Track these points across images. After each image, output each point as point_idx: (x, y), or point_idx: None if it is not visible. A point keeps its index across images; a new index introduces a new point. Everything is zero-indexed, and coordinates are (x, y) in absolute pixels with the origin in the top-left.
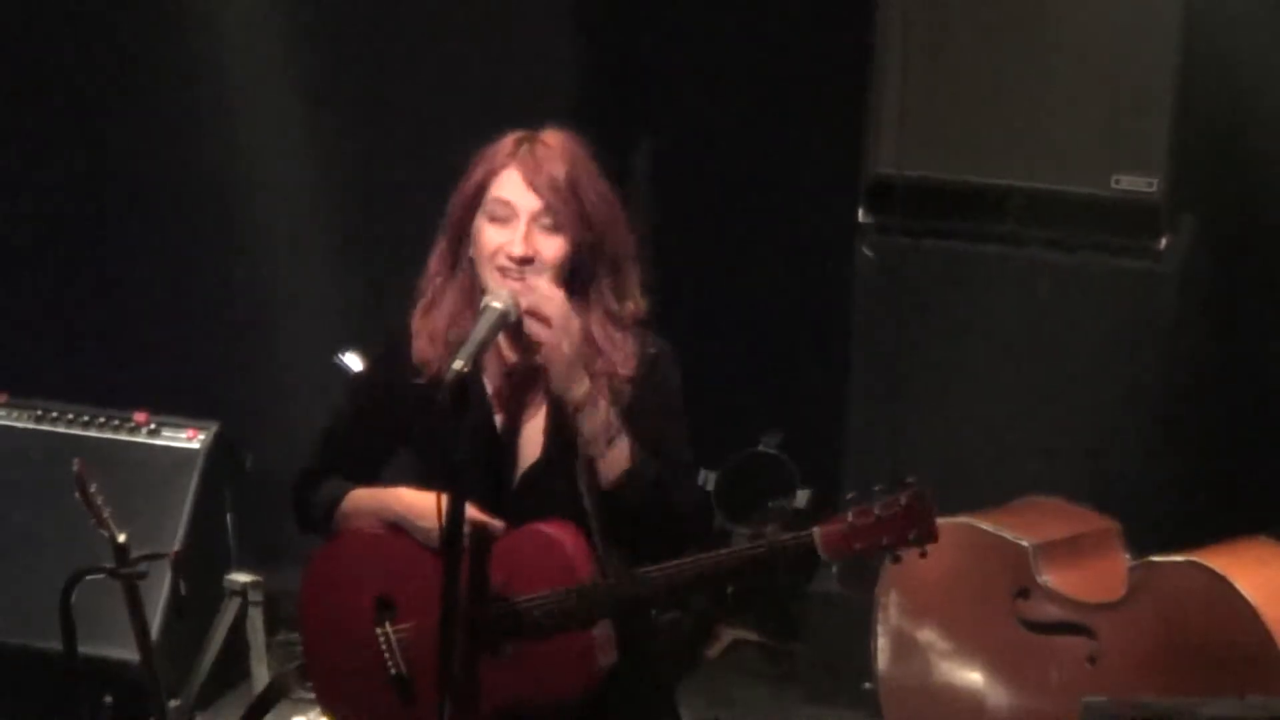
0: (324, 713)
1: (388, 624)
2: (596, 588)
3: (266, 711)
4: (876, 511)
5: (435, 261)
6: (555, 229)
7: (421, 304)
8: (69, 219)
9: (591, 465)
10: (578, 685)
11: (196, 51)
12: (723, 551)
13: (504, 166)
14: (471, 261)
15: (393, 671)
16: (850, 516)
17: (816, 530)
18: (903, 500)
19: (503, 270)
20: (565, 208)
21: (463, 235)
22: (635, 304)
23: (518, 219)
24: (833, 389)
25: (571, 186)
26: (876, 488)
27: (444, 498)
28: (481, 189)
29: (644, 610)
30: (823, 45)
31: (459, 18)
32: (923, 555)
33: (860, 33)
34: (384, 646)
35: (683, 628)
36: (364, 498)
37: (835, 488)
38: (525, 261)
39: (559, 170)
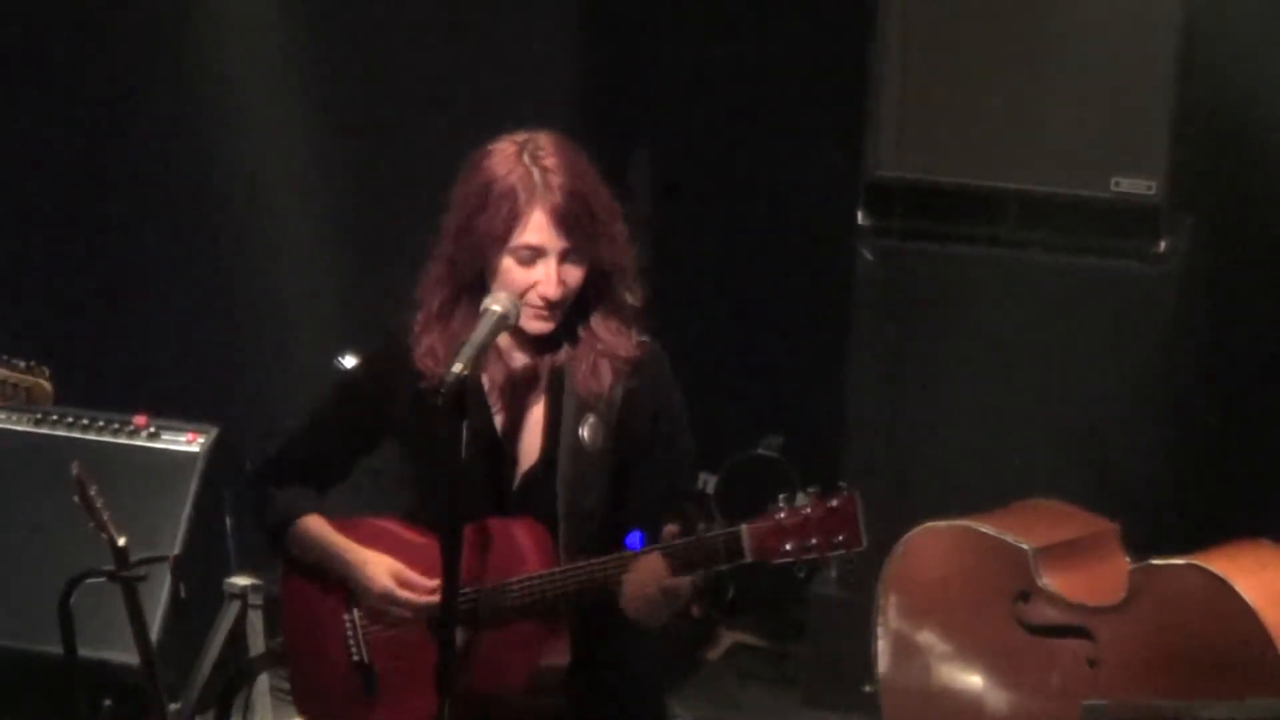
0: (294, 695)
1: (355, 611)
2: (528, 580)
3: (235, 693)
4: (806, 512)
5: (435, 278)
6: (579, 260)
7: (421, 317)
8: (68, 221)
9: (574, 464)
10: (516, 679)
11: (195, 52)
12: (653, 548)
13: (528, 208)
14: (480, 285)
15: (355, 658)
16: (780, 515)
17: (744, 527)
18: (832, 503)
19: (535, 309)
20: (588, 240)
21: (475, 263)
22: (634, 295)
23: (546, 258)
24: (832, 391)
25: (589, 213)
26: (811, 489)
27: (384, 565)
28: (508, 230)
29: (586, 603)
30: (822, 47)
31: (460, 19)
32: (849, 563)
33: (860, 34)
34: (349, 633)
35: (673, 630)
36: (315, 537)
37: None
38: (559, 303)
39: (577, 206)
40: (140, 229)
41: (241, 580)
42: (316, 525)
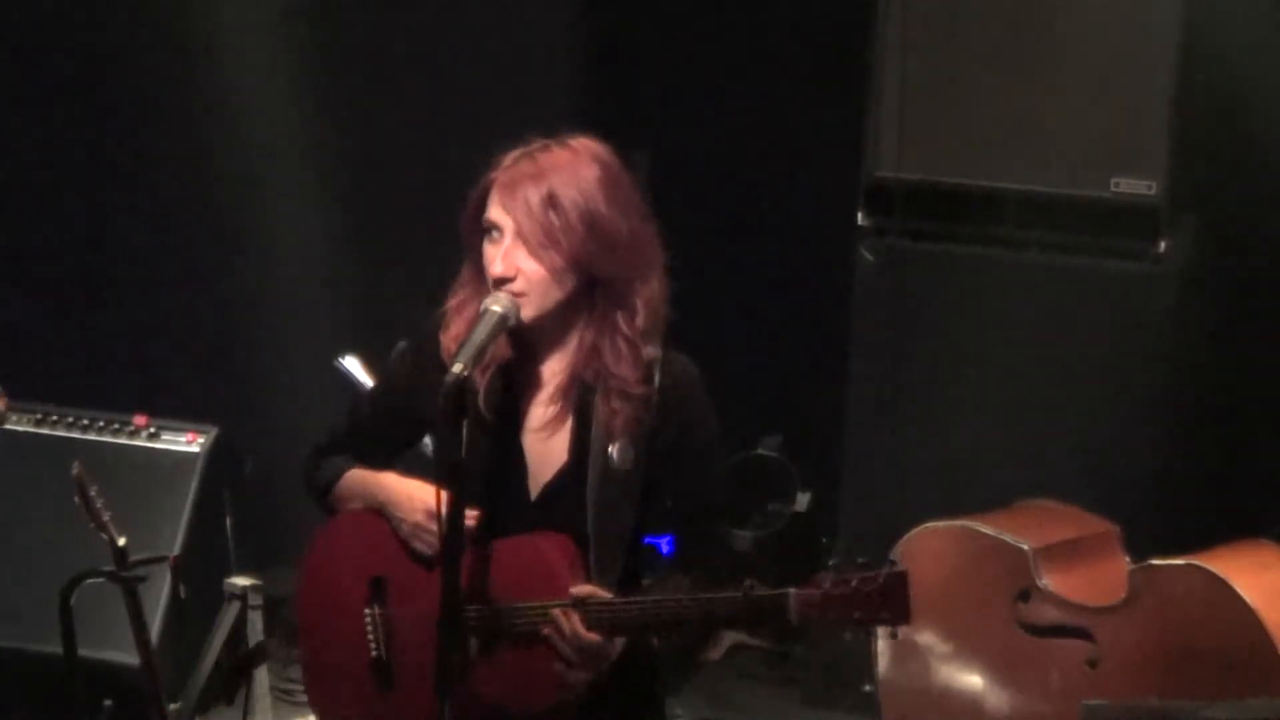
0: (306, 688)
1: (376, 606)
2: (567, 608)
3: (243, 676)
4: (854, 584)
5: (465, 271)
6: (534, 250)
7: (452, 306)
8: (68, 221)
9: (604, 483)
10: (541, 699)
11: (197, 52)
12: (700, 596)
13: (492, 185)
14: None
15: (373, 654)
16: (828, 585)
17: (793, 592)
18: (880, 579)
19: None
20: (537, 229)
21: (475, 246)
22: (647, 317)
23: (504, 238)
24: (832, 391)
25: (548, 206)
26: (860, 560)
27: (436, 493)
28: (479, 209)
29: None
30: (822, 48)
31: (460, 22)
32: (893, 636)
33: (859, 36)
34: (369, 628)
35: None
36: (357, 480)
37: (835, 490)
38: (504, 280)
39: (534, 191)
40: (141, 229)
41: (241, 580)
42: (356, 473)
